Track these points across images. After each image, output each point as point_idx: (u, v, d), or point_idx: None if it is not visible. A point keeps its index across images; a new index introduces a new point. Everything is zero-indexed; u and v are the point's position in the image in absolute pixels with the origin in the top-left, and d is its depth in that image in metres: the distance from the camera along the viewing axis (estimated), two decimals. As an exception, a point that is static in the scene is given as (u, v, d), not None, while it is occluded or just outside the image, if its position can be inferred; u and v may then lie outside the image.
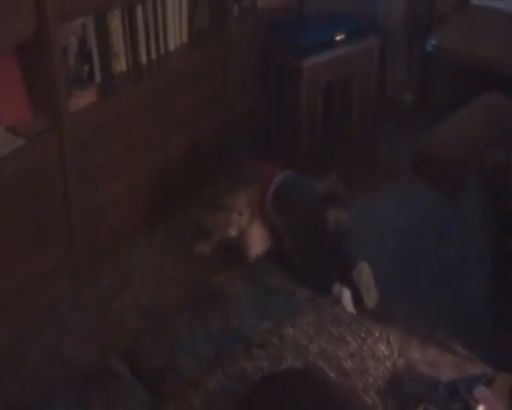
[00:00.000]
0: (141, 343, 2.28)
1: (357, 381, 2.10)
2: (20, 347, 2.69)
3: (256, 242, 2.97)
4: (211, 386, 2.06)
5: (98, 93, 2.89)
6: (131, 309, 2.86)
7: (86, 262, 2.95)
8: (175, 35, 3.24)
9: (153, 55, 3.15)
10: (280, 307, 2.34)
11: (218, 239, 3.12)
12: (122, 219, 3.08)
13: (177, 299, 2.85)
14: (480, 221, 2.69)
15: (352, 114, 3.79)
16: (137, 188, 3.13)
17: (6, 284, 2.65)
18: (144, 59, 3.13)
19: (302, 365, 2.11)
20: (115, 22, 2.95)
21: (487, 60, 3.24)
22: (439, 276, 3.01)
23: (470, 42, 3.38)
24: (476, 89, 3.03)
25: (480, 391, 2.04)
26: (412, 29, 3.89)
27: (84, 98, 2.82)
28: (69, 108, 2.72)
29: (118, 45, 2.99)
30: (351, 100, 3.76)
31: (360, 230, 3.22)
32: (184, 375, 2.12)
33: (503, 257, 2.52)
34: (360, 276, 2.82)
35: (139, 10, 3.03)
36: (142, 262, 3.11)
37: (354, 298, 2.78)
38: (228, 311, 2.33)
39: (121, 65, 3.04)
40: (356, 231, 3.18)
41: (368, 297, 2.81)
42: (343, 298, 2.73)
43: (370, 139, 3.84)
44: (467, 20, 3.60)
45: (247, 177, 2.97)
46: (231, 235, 3.00)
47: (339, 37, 3.58)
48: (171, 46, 3.23)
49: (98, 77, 2.93)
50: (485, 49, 3.30)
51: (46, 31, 2.55)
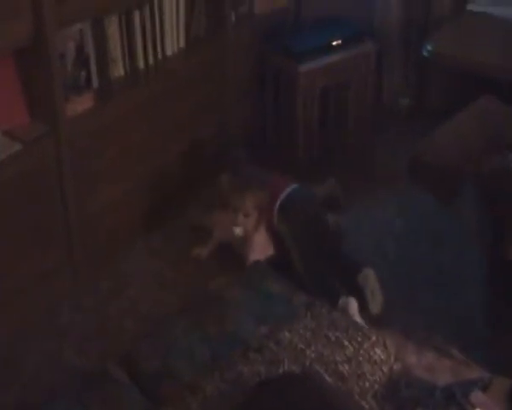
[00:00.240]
0: (138, 348, 2.28)
1: (353, 385, 2.10)
2: (19, 350, 2.69)
3: (258, 247, 2.97)
4: (208, 391, 2.06)
5: (95, 98, 2.89)
6: (129, 313, 2.87)
7: (84, 267, 2.95)
8: (172, 40, 3.25)
9: (150, 60, 3.16)
10: (277, 312, 2.34)
11: (218, 240, 3.12)
12: (120, 223, 3.09)
13: (175, 303, 2.85)
14: (476, 226, 2.69)
15: (349, 120, 3.80)
16: (135, 193, 3.14)
17: (5, 287, 2.65)
18: (142, 64, 3.13)
19: (299, 369, 2.11)
20: (112, 28, 2.95)
21: (483, 65, 3.25)
22: (436, 280, 3.02)
23: (466, 47, 3.38)
24: (472, 94, 3.04)
25: (477, 396, 2.04)
26: (409, 34, 3.90)
27: (82, 104, 2.83)
28: (66, 114, 2.73)
29: (115, 51, 3.00)
30: (347, 105, 3.76)
31: (357, 235, 3.23)
32: (182, 379, 2.12)
33: (499, 262, 2.52)
34: (366, 282, 2.82)
35: (136, 16, 3.04)
36: (140, 266, 3.11)
37: (359, 304, 2.76)
38: (225, 315, 2.33)
39: (118, 70, 3.04)
40: (353, 237, 3.19)
41: (373, 303, 2.80)
42: (350, 308, 2.71)
43: (367, 145, 3.85)
44: (463, 26, 3.60)
45: (258, 181, 2.97)
46: (235, 234, 2.98)
47: (335, 42, 3.59)
48: (168, 51, 3.24)
49: (95, 82, 2.94)
50: (481, 54, 3.30)
51: (44, 36, 2.56)
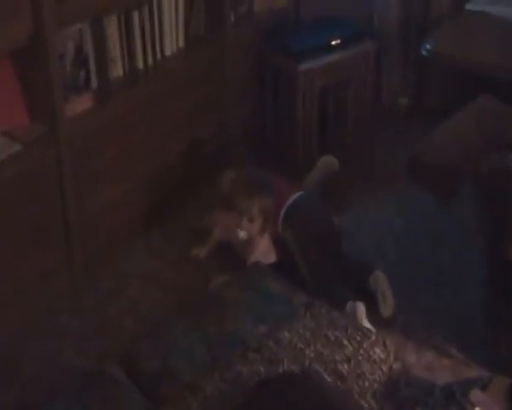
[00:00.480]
0: (138, 348, 2.28)
1: (353, 385, 2.10)
2: (19, 350, 2.69)
3: (260, 253, 2.95)
4: (208, 391, 2.06)
5: (95, 99, 2.89)
6: (129, 313, 2.87)
7: (84, 267, 2.95)
8: (171, 40, 3.25)
9: (149, 60, 3.16)
10: (277, 312, 2.34)
11: (218, 239, 3.11)
12: (120, 223, 3.09)
13: (175, 303, 2.85)
14: (476, 226, 2.69)
15: (348, 119, 3.80)
16: (135, 193, 3.14)
17: (5, 288, 2.65)
18: (141, 64, 3.13)
19: (298, 369, 2.11)
20: (112, 28, 2.95)
21: (482, 65, 3.25)
22: (436, 280, 3.02)
23: (465, 47, 3.38)
24: (471, 94, 3.04)
25: (476, 395, 2.04)
26: (408, 34, 3.90)
27: (81, 104, 2.83)
28: (66, 114, 2.73)
29: (114, 51, 3.00)
30: (346, 105, 3.76)
31: (357, 235, 3.23)
32: (181, 379, 2.12)
33: (499, 262, 2.52)
34: (376, 285, 2.81)
35: (135, 15, 3.04)
36: (139, 266, 3.11)
37: (369, 307, 2.74)
38: (225, 315, 2.33)
39: (118, 70, 3.04)
40: (353, 237, 3.18)
41: (384, 306, 2.79)
42: (357, 313, 2.68)
43: (366, 144, 3.85)
44: (461, 25, 3.60)
45: (266, 186, 2.94)
46: (239, 238, 2.96)
47: (334, 42, 3.58)
48: (167, 51, 3.24)
49: (95, 82, 2.94)
50: (479, 54, 3.30)
51: (43, 36, 2.56)
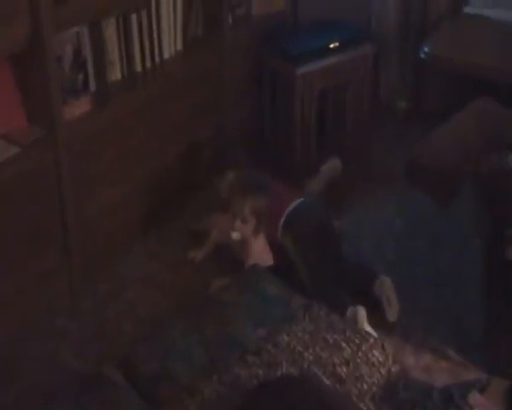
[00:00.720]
0: (136, 350, 2.28)
1: (351, 388, 2.10)
2: (17, 353, 2.69)
3: (256, 254, 2.94)
4: (206, 394, 2.05)
5: (93, 102, 2.89)
6: (127, 316, 2.87)
7: (82, 270, 2.95)
8: (169, 43, 3.25)
9: (148, 63, 3.16)
10: (275, 315, 2.34)
11: (216, 241, 3.11)
12: (118, 226, 3.09)
13: (173, 305, 2.85)
14: (475, 226, 2.70)
15: (347, 122, 3.80)
16: (133, 195, 3.14)
17: (2, 290, 2.64)
18: (139, 67, 3.13)
19: (297, 372, 2.11)
20: (110, 30, 2.95)
21: (480, 67, 3.26)
22: (435, 280, 3.02)
23: (463, 50, 3.39)
24: (469, 96, 3.05)
25: (475, 397, 2.04)
26: (406, 37, 3.90)
27: (79, 107, 2.83)
28: (64, 117, 2.73)
29: (112, 54, 3.00)
30: (345, 107, 3.77)
31: (356, 236, 3.23)
32: (180, 382, 2.11)
33: (498, 262, 2.53)
34: (382, 289, 2.80)
35: (134, 18, 3.04)
36: (138, 269, 3.11)
37: (374, 312, 2.73)
38: (223, 317, 2.33)
39: (116, 73, 3.04)
40: (352, 238, 3.18)
41: (390, 311, 2.78)
42: (358, 318, 2.67)
43: (365, 146, 3.85)
44: (459, 28, 3.61)
45: (259, 188, 2.93)
46: (233, 239, 2.96)
47: (333, 44, 3.59)
48: (165, 54, 3.24)
49: (93, 85, 2.94)
50: (477, 56, 3.31)
51: (41, 39, 2.55)
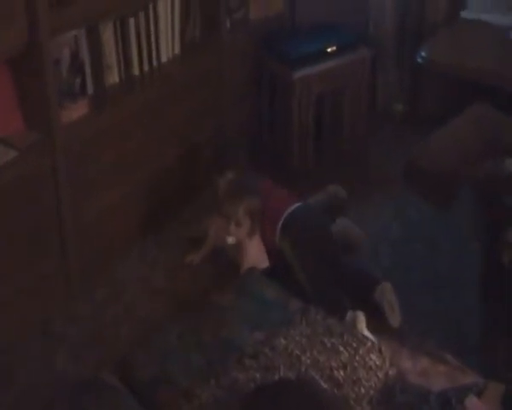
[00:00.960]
0: (134, 354, 2.28)
1: (349, 391, 2.10)
2: (14, 358, 2.68)
3: (252, 257, 2.93)
4: (204, 397, 2.05)
5: (90, 105, 2.89)
6: (125, 320, 2.86)
7: (80, 274, 2.95)
8: (167, 47, 3.25)
9: (145, 66, 3.16)
10: (273, 319, 2.34)
11: (213, 244, 3.11)
12: (116, 230, 3.08)
13: (171, 309, 2.85)
14: (473, 230, 2.70)
15: (344, 125, 3.80)
16: (131, 199, 3.14)
17: (0, 295, 2.65)
18: (137, 71, 3.13)
19: (294, 375, 2.11)
20: (107, 34, 2.95)
21: (477, 72, 3.26)
22: (432, 284, 3.02)
23: (460, 54, 3.40)
24: (466, 101, 3.06)
25: (472, 401, 2.04)
26: (403, 41, 3.91)
27: (77, 110, 2.83)
28: (61, 121, 2.73)
29: (110, 57, 3.00)
30: (342, 111, 3.77)
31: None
32: (178, 385, 2.11)
33: (495, 265, 2.53)
34: (383, 296, 2.79)
35: (131, 22, 3.04)
36: (136, 273, 3.10)
37: (373, 317, 2.72)
38: (220, 321, 2.33)
39: (113, 77, 3.04)
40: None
41: (392, 316, 2.77)
42: (358, 322, 2.66)
43: (362, 150, 3.85)
44: (457, 33, 3.62)
45: (251, 189, 2.93)
46: (228, 243, 2.96)
47: (330, 48, 3.59)
48: (163, 58, 3.24)
49: (90, 89, 2.94)
50: (474, 61, 3.32)
51: (38, 43, 2.55)
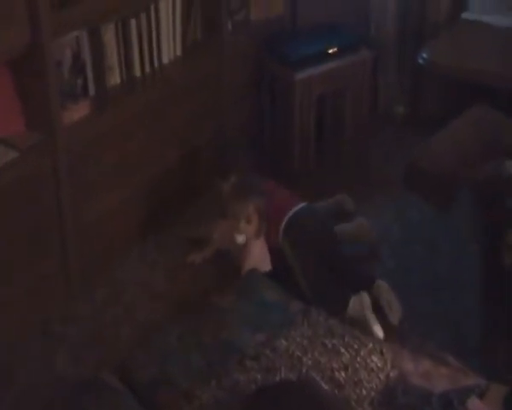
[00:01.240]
0: (134, 355, 2.28)
1: (350, 393, 2.10)
2: (14, 358, 2.68)
3: (255, 256, 2.92)
4: (205, 399, 2.05)
5: (92, 106, 2.89)
6: (126, 321, 2.86)
7: (80, 274, 2.94)
8: (169, 48, 3.25)
9: (147, 67, 3.16)
10: (274, 320, 2.34)
11: (217, 247, 3.10)
12: (116, 231, 3.08)
13: (171, 311, 2.85)
14: (472, 231, 2.70)
15: (345, 127, 3.80)
16: (132, 200, 3.14)
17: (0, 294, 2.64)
18: (138, 72, 3.13)
19: (296, 377, 2.11)
20: (109, 35, 2.95)
21: (478, 73, 3.26)
22: (433, 285, 3.01)
23: (461, 56, 3.40)
24: (467, 102, 3.06)
25: (474, 402, 2.05)
26: (404, 42, 3.91)
27: (78, 111, 2.83)
28: (63, 122, 2.73)
29: (112, 58, 3.00)
30: (343, 113, 3.77)
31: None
32: (178, 386, 2.11)
33: (495, 267, 2.53)
34: (379, 294, 2.79)
35: (133, 23, 3.04)
36: (136, 274, 3.10)
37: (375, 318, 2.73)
38: (221, 323, 2.33)
39: (115, 78, 3.04)
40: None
41: (391, 314, 2.76)
42: (363, 304, 2.68)
43: (363, 151, 3.86)
44: (458, 34, 3.62)
45: (257, 189, 2.93)
46: (237, 242, 2.93)
47: (331, 50, 3.59)
48: (164, 59, 3.24)
49: (92, 90, 2.94)
50: (476, 62, 3.31)
51: (40, 44, 2.55)
